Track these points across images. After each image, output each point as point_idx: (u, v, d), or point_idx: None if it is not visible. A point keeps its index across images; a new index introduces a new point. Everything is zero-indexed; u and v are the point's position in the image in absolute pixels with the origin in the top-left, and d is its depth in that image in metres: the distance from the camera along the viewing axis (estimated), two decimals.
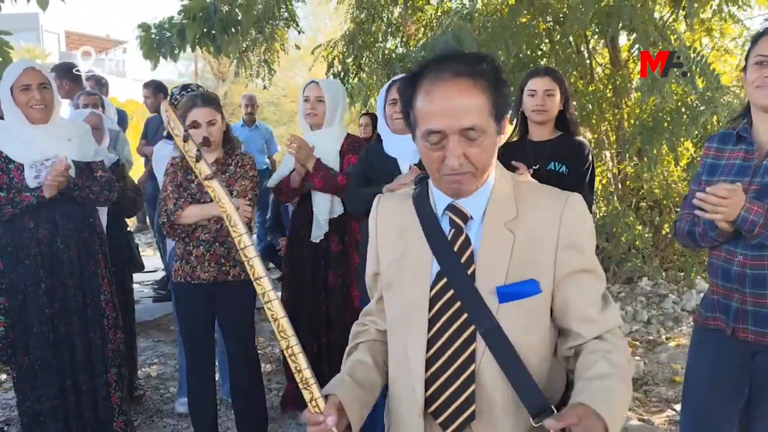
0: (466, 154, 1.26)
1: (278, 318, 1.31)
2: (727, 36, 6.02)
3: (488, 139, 1.27)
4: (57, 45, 24.74)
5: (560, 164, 2.87)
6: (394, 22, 7.08)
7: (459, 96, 1.25)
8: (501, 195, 1.35)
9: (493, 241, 1.32)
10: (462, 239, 1.33)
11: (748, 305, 1.96)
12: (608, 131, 6.15)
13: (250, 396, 3.04)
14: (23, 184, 2.78)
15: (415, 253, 1.38)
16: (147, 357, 4.63)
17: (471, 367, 1.30)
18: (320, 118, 3.34)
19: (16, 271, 2.83)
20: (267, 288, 1.32)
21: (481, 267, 1.31)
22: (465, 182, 1.29)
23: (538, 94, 2.89)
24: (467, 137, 1.25)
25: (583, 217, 1.35)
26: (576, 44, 5.85)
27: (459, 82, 1.25)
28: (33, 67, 2.84)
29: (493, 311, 1.29)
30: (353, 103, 7.04)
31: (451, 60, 1.29)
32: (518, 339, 1.29)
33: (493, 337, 1.29)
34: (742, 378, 2.02)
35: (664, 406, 3.67)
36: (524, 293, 1.30)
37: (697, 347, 2.19)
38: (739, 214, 1.84)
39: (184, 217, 2.83)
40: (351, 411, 1.32)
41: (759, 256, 1.92)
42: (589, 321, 1.33)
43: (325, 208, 3.27)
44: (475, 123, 1.24)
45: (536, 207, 1.34)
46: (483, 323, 1.29)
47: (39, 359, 2.84)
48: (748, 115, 2.08)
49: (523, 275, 1.30)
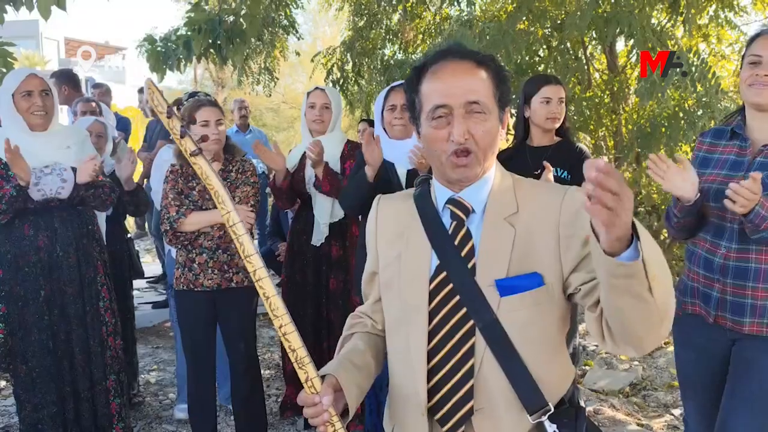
0: (471, 132, 1.29)
1: (269, 296, 1.31)
2: (724, 42, 6.04)
3: (491, 121, 1.31)
4: (56, 52, 24.80)
5: (562, 170, 2.90)
6: (393, 28, 7.11)
7: (464, 74, 1.30)
8: (501, 189, 1.36)
9: (494, 235, 1.32)
10: (463, 233, 1.34)
11: (728, 295, 2.05)
12: (606, 137, 6.16)
13: (251, 402, 3.04)
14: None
15: (414, 250, 1.38)
16: (146, 363, 4.62)
17: (470, 361, 1.29)
18: (326, 125, 3.36)
19: (16, 279, 2.83)
20: (258, 265, 1.31)
21: (482, 260, 1.31)
22: (469, 165, 1.31)
23: (553, 102, 2.93)
24: (472, 115, 1.29)
25: (583, 205, 1.34)
26: (574, 50, 5.87)
27: (464, 63, 1.31)
28: (35, 74, 2.87)
29: (493, 305, 1.28)
30: (353, 110, 7.06)
31: (456, 49, 1.36)
32: (520, 333, 1.28)
33: (491, 331, 1.28)
34: (724, 369, 2.12)
35: (663, 411, 3.66)
36: (525, 286, 1.29)
37: (680, 336, 2.31)
38: (753, 208, 1.88)
39: (187, 225, 2.84)
40: (349, 392, 1.31)
41: (744, 249, 2.01)
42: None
43: (326, 211, 3.28)
44: (480, 98, 1.29)
45: (536, 201, 1.34)
46: (481, 317, 1.29)
47: (38, 366, 2.85)
48: (742, 112, 2.16)
49: (525, 268, 1.29)
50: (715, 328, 2.10)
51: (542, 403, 1.27)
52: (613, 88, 5.90)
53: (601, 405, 3.65)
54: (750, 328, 2.02)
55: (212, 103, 2.94)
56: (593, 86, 6.04)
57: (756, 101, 2.05)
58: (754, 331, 2.02)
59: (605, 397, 3.84)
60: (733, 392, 2.07)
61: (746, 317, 2.02)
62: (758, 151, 2.06)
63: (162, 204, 2.93)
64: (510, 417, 1.29)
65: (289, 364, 3.48)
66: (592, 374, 4.12)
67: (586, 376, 4.11)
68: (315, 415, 1.26)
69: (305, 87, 15.96)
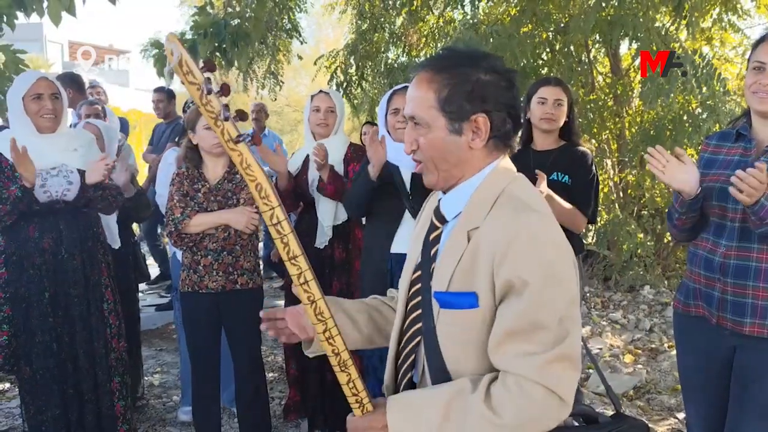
0: (418, 142, 1.34)
1: (316, 300, 1.24)
2: (727, 45, 6.05)
3: (433, 133, 1.33)
4: (60, 55, 24.86)
5: (563, 174, 2.90)
6: (396, 32, 7.12)
7: (413, 86, 1.36)
8: (479, 200, 1.32)
9: (451, 246, 1.33)
10: (433, 237, 1.40)
11: (729, 295, 2.04)
12: (609, 140, 6.17)
13: (255, 405, 3.04)
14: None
15: (416, 247, 1.46)
16: (150, 366, 4.63)
17: (414, 357, 1.39)
18: (330, 128, 3.36)
19: (21, 280, 2.84)
20: (304, 268, 1.22)
21: (437, 268, 1.35)
22: (424, 172, 1.37)
23: (548, 103, 2.93)
24: (415, 126, 1.34)
25: (532, 245, 1.22)
26: (577, 53, 5.88)
27: (420, 73, 1.35)
28: (45, 77, 2.89)
29: (435, 314, 1.33)
30: (357, 113, 7.08)
31: (430, 58, 1.42)
32: (451, 348, 1.30)
33: (429, 338, 1.33)
34: (727, 372, 2.12)
35: (667, 415, 3.66)
36: (459, 304, 1.28)
37: (682, 337, 2.29)
38: (759, 200, 1.88)
39: (192, 226, 2.84)
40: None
41: (745, 248, 2.01)
42: (495, 346, 1.23)
43: (330, 214, 3.28)
44: (414, 113, 1.34)
45: (495, 220, 1.27)
46: (426, 322, 1.34)
47: (42, 368, 2.85)
48: (748, 115, 2.18)
49: (464, 286, 1.28)
50: (717, 331, 2.09)
51: None
52: (617, 92, 5.90)
53: (605, 408, 3.65)
54: (751, 329, 2.01)
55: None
56: (596, 89, 6.05)
57: (760, 109, 2.06)
58: (755, 332, 2.01)
59: (609, 400, 3.83)
60: (740, 400, 2.06)
61: (747, 317, 2.01)
62: (763, 152, 2.06)
63: (167, 206, 2.94)
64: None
65: (292, 368, 3.48)
66: (596, 377, 4.12)
67: (589, 379, 4.10)
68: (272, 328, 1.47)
69: (308, 90, 16.00)
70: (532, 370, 1.18)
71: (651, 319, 5.24)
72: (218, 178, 2.93)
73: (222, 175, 2.93)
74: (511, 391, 1.19)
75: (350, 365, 1.29)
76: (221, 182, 2.92)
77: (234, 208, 2.89)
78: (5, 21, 3.27)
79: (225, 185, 2.92)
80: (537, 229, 1.23)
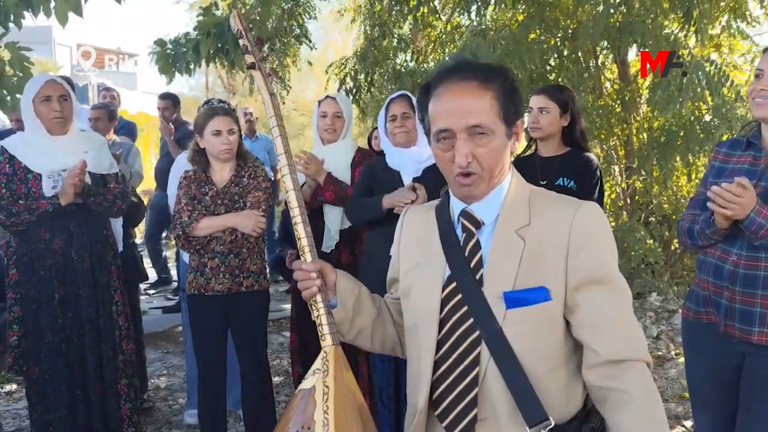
0: (474, 155, 1.31)
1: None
2: (736, 52, 6.03)
3: (496, 140, 1.32)
4: (69, 58, 24.99)
5: (569, 179, 2.90)
6: (405, 37, 7.14)
7: (463, 96, 1.31)
8: (514, 201, 1.37)
9: (503, 247, 1.33)
10: (472, 244, 1.37)
11: (737, 303, 2.03)
12: (617, 146, 6.16)
13: (261, 408, 3.04)
14: (39, 193, 2.82)
15: (430, 260, 1.42)
16: (156, 368, 4.64)
17: (475, 370, 1.31)
18: (338, 134, 3.37)
19: (31, 281, 2.86)
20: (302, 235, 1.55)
21: (490, 272, 1.33)
22: (473, 185, 1.34)
23: (533, 111, 2.98)
24: (475, 137, 1.30)
25: (597, 223, 1.34)
26: (585, 59, 5.88)
27: (465, 84, 1.32)
28: (54, 80, 2.92)
29: (499, 316, 1.30)
30: (365, 118, 7.09)
31: (460, 67, 1.37)
32: (524, 346, 1.29)
33: (495, 342, 1.30)
34: (736, 381, 2.10)
35: (674, 423, 3.64)
36: (532, 300, 1.30)
37: (691, 345, 2.28)
38: (749, 215, 1.89)
39: (199, 229, 2.86)
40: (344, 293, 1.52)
41: (754, 257, 1.99)
42: (600, 336, 1.29)
43: (337, 218, 3.28)
44: (481, 121, 1.30)
45: (548, 213, 1.35)
46: (486, 327, 1.31)
47: (50, 369, 2.86)
48: (759, 123, 2.16)
49: (532, 282, 1.31)
50: (725, 339, 2.08)
51: (542, 417, 1.27)
52: (625, 98, 5.89)
53: None
54: (759, 337, 2.00)
55: (226, 112, 2.96)
56: (604, 95, 6.04)
57: (758, 115, 2.08)
58: (763, 341, 1.99)
59: None
60: (749, 410, 2.04)
61: (755, 326, 2.00)
62: None
63: (174, 209, 2.95)
64: (512, 428, 1.30)
65: (298, 371, 3.48)
66: None
67: None
68: (304, 278, 1.47)
69: (315, 94, 16.02)
70: (643, 352, 1.32)
71: (658, 327, 5.22)
72: (225, 182, 2.94)
73: (229, 178, 2.95)
74: (645, 375, 1.30)
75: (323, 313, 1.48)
76: (228, 186, 2.93)
77: (241, 211, 2.90)
78: (12, 20, 3.30)
79: (232, 189, 2.93)
80: (596, 212, 1.35)
